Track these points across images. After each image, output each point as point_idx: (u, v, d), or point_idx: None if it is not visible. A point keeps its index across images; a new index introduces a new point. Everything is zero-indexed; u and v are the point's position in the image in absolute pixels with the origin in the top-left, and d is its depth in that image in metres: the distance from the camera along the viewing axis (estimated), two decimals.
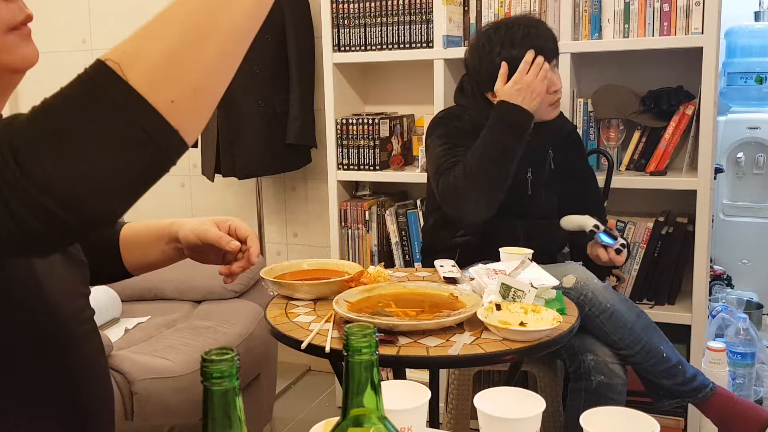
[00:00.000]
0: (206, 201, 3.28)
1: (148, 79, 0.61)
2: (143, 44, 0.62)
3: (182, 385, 1.91)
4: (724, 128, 3.03)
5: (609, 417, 0.85)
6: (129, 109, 0.61)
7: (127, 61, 0.61)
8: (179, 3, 0.63)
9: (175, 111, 0.62)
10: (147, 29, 0.63)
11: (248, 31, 0.65)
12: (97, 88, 0.61)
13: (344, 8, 2.63)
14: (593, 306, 1.76)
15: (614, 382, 1.77)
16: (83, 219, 0.62)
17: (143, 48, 0.62)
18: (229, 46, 0.64)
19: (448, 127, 2.02)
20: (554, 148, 2.07)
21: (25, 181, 0.60)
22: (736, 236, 3.09)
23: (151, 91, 0.61)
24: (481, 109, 1.99)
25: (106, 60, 0.62)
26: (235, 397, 0.57)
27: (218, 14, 0.63)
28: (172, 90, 0.62)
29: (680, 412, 2.30)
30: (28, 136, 0.61)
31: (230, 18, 0.64)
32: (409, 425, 0.87)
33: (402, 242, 2.68)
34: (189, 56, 0.62)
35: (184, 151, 0.64)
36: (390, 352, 1.33)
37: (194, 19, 0.63)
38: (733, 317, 2.57)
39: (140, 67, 0.61)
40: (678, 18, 2.21)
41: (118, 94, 0.61)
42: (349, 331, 0.61)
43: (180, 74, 0.62)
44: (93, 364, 0.99)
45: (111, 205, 0.63)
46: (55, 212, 0.60)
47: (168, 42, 0.62)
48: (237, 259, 1.19)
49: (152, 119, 0.61)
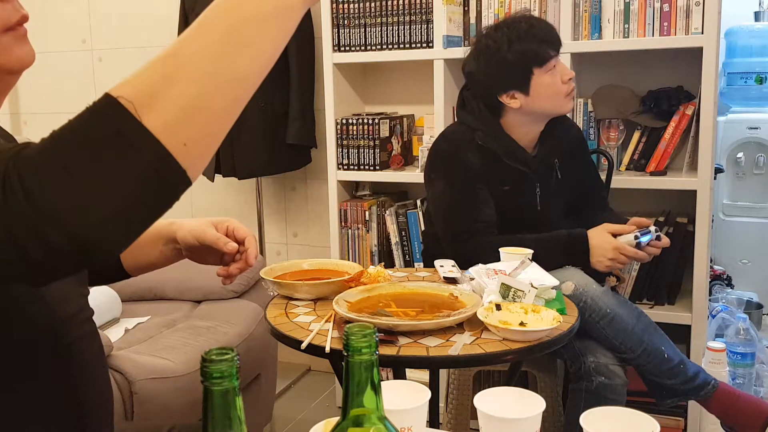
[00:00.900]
0: (206, 201, 3.28)
1: (164, 122, 0.61)
2: (160, 87, 0.62)
3: (182, 385, 1.91)
4: (724, 128, 3.02)
5: (609, 417, 0.85)
6: (141, 148, 0.61)
7: (143, 101, 0.61)
8: (198, 44, 0.63)
9: (186, 153, 0.62)
10: (164, 69, 0.62)
11: (260, 76, 0.66)
12: (109, 125, 0.61)
13: (344, 8, 2.63)
14: (593, 312, 1.76)
15: (614, 383, 1.77)
16: (85, 252, 0.62)
17: (160, 91, 0.61)
18: (243, 93, 0.65)
19: (456, 166, 1.94)
20: (560, 158, 2.05)
21: (31, 210, 0.60)
22: (736, 236, 3.09)
23: (165, 134, 0.61)
24: (489, 127, 1.95)
25: (118, 97, 0.61)
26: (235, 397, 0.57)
27: (238, 62, 0.63)
28: (186, 134, 0.62)
29: (680, 412, 2.30)
30: (37, 167, 0.61)
31: (248, 65, 0.64)
32: (409, 425, 0.87)
33: (402, 242, 2.68)
34: (207, 105, 0.63)
35: (189, 187, 0.65)
36: (390, 352, 1.33)
37: (215, 68, 0.62)
38: (733, 317, 2.56)
39: (157, 109, 0.61)
40: (678, 18, 2.21)
41: (131, 133, 0.61)
42: (349, 331, 0.61)
43: (196, 121, 0.62)
44: (93, 364, 0.99)
45: (114, 240, 0.64)
46: (58, 244, 0.61)
47: (187, 90, 0.62)
48: (235, 261, 1.19)
49: (163, 159, 0.61)
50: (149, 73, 0.63)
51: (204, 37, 0.63)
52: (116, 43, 3.35)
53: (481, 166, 1.93)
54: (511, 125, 1.98)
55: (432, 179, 2.00)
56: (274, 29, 0.65)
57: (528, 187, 1.99)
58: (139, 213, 0.63)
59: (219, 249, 1.16)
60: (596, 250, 1.84)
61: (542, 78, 1.90)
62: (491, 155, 1.94)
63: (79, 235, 0.61)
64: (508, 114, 1.96)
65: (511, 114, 1.96)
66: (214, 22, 0.64)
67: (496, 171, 1.95)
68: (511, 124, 1.97)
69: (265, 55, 0.65)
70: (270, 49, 0.65)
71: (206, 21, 0.64)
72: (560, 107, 1.95)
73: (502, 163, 1.95)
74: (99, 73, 3.44)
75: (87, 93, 3.47)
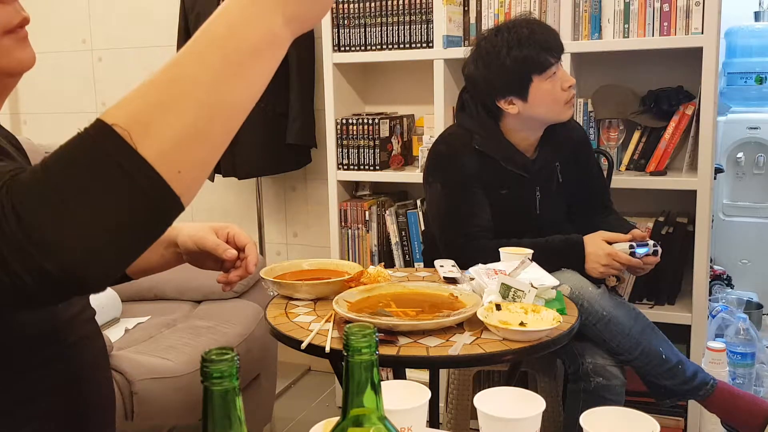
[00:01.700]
0: (206, 201, 3.28)
1: (160, 151, 0.61)
2: (156, 115, 0.61)
3: (182, 385, 1.91)
4: (724, 128, 3.02)
5: (609, 417, 0.85)
6: (137, 177, 0.60)
7: (138, 130, 0.61)
8: (193, 73, 0.63)
9: (180, 180, 0.62)
10: (159, 96, 0.62)
11: (252, 104, 0.66)
12: (105, 154, 0.61)
13: (344, 8, 2.63)
14: (589, 315, 1.76)
15: (612, 384, 1.77)
16: (78, 280, 0.62)
17: (156, 120, 0.61)
18: (236, 121, 0.65)
19: (453, 170, 1.94)
20: (562, 161, 2.04)
21: (24, 238, 0.60)
22: (736, 236, 3.09)
23: (160, 162, 0.61)
24: (487, 130, 1.95)
25: (113, 125, 0.61)
26: (235, 397, 0.57)
27: (233, 92, 0.64)
28: (181, 162, 0.62)
29: (680, 411, 2.31)
30: (30, 195, 0.60)
31: (241, 95, 0.65)
32: (409, 425, 0.87)
33: (402, 242, 2.68)
34: (203, 135, 0.63)
35: (181, 213, 0.65)
36: (390, 352, 1.33)
37: (210, 97, 0.63)
38: (733, 317, 2.56)
39: (153, 138, 0.61)
40: (678, 18, 2.21)
41: (127, 162, 0.60)
42: (349, 331, 0.61)
43: (191, 150, 0.63)
44: (94, 364, 0.99)
45: (107, 268, 0.63)
46: (51, 272, 0.60)
47: (183, 119, 0.62)
48: (235, 267, 1.19)
49: (158, 187, 0.61)
50: (144, 100, 0.62)
51: (199, 65, 0.63)
52: (116, 43, 3.35)
53: (478, 170, 1.92)
54: (509, 130, 1.97)
55: (429, 182, 2.00)
56: (265, 60, 0.66)
57: (527, 190, 1.98)
58: (133, 241, 0.64)
59: (218, 256, 1.16)
60: (590, 256, 1.84)
61: (541, 85, 1.87)
62: (489, 159, 1.93)
63: (71, 263, 0.60)
64: (506, 118, 1.95)
65: (509, 119, 1.94)
66: (209, 50, 0.63)
67: (494, 175, 1.94)
68: (510, 128, 1.96)
69: (257, 85, 0.66)
70: (261, 79, 0.66)
71: (200, 47, 0.64)
72: (559, 115, 1.93)
73: (500, 166, 1.94)
74: (99, 73, 3.44)
75: (87, 93, 3.47)
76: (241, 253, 1.20)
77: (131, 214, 0.61)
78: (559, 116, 1.93)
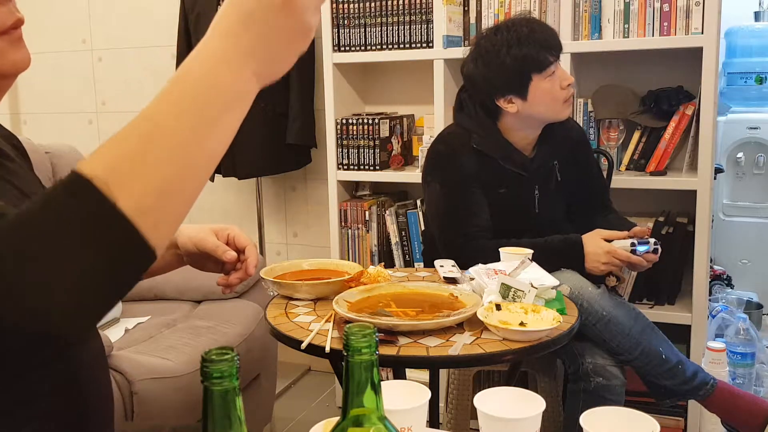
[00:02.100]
0: (206, 201, 3.28)
1: (137, 205, 0.61)
2: (134, 169, 0.61)
3: (182, 385, 1.91)
4: (724, 128, 3.03)
5: (609, 417, 0.85)
6: (114, 230, 0.60)
7: (117, 182, 0.60)
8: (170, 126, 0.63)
9: (156, 232, 0.62)
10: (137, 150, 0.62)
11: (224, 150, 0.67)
12: (83, 207, 0.60)
13: (344, 8, 2.63)
14: (589, 315, 1.76)
15: (612, 384, 1.77)
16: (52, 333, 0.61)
17: (135, 173, 0.61)
18: (210, 171, 0.67)
19: (452, 169, 1.94)
20: (560, 160, 2.04)
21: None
22: (736, 236, 3.09)
23: (138, 215, 0.61)
24: (486, 129, 1.95)
25: (92, 178, 0.60)
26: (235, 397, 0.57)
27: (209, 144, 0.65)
28: (158, 215, 0.62)
29: (680, 411, 2.31)
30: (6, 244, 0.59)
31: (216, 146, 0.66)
32: (409, 425, 0.87)
33: (402, 242, 2.68)
34: (179, 187, 0.64)
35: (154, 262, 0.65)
36: (390, 352, 1.33)
37: (187, 151, 0.63)
38: (733, 317, 2.57)
39: (131, 191, 0.61)
40: (678, 18, 2.21)
41: (105, 216, 0.60)
42: (349, 331, 0.61)
43: (169, 203, 0.63)
44: (93, 364, 0.99)
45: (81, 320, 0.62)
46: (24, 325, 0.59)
47: (161, 173, 0.62)
48: (235, 269, 1.19)
49: (135, 240, 0.61)
50: (121, 152, 0.62)
51: (175, 119, 0.64)
52: (116, 43, 3.35)
53: (477, 169, 1.92)
54: (508, 128, 1.97)
55: (428, 182, 2.00)
56: (236, 112, 0.67)
57: (526, 189, 1.99)
58: (107, 293, 0.63)
59: (218, 258, 1.16)
60: (590, 256, 1.84)
61: (541, 84, 1.88)
62: (487, 158, 1.94)
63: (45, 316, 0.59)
64: (505, 117, 1.95)
65: (508, 118, 1.95)
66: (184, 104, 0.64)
67: (492, 174, 1.94)
68: (508, 127, 1.97)
69: (228, 135, 0.67)
70: (232, 129, 0.67)
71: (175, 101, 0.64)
72: (558, 113, 1.93)
73: (498, 165, 1.94)
74: (99, 73, 3.44)
75: (87, 93, 3.47)
76: (241, 255, 1.19)
77: (107, 266, 0.61)
78: (557, 115, 1.94)
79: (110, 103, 3.42)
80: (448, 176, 1.95)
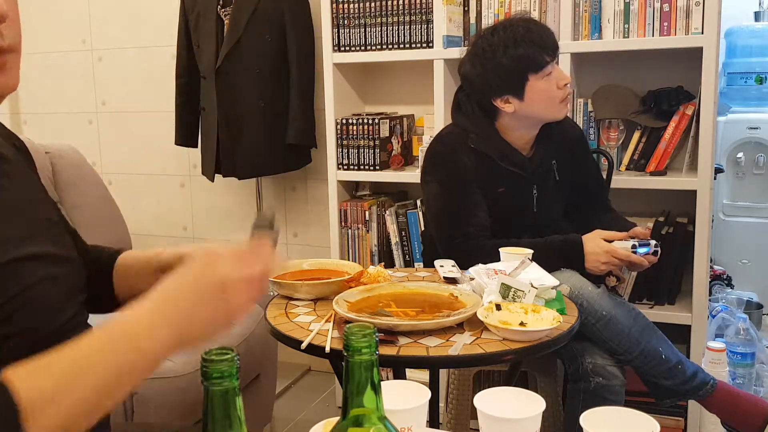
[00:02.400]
0: (206, 201, 3.28)
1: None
2: (52, 403, 0.68)
3: (182, 385, 1.91)
4: (724, 128, 3.03)
5: (609, 417, 0.85)
6: None
7: (33, 412, 0.66)
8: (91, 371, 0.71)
9: None
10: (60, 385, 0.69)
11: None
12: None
13: (344, 8, 2.63)
14: (589, 315, 1.76)
15: (612, 384, 1.77)
16: None
17: (51, 408, 0.68)
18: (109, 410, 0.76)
19: (450, 169, 1.94)
20: (558, 159, 2.04)
21: None
22: (736, 236, 3.09)
23: None
24: (483, 129, 1.95)
25: (16, 403, 0.65)
26: (235, 397, 0.57)
27: (121, 394, 0.74)
28: None
29: (680, 411, 2.31)
30: None
31: (122, 396, 0.74)
32: (409, 425, 0.87)
33: (402, 242, 2.68)
34: (82, 423, 0.71)
35: None
36: (390, 352, 1.33)
37: (103, 400, 0.72)
38: (733, 317, 2.57)
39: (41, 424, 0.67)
40: (678, 18, 2.21)
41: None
42: (349, 331, 0.61)
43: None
44: None
45: None
46: None
47: (72, 412, 0.70)
48: None
49: None
50: (51, 383, 0.69)
51: (103, 369, 0.72)
52: (116, 43, 3.35)
53: (475, 169, 1.92)
54: (505, 128, 1.97)
55: (427, 181, 2.00)
56: (147, 372, 0.76)
57: (524, 189, 1.99)
58: None
59: None
60: (590, 256, 1.84)
61: (538, 84, 1.88)
62: (485, 157, 1.94)
63: None
64: (502, 117, 1.95)
65: (505, 117, 1.95)
66: (113, 360, 0.73)
67: (490, 173, 1.94)
68: (506, 127, 1.97)
69: (134, 385, 0.75)
70: (140, 381, 0.76)
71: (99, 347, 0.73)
72: (555, 113, 1.94)
73: (496, 165, 1.95)
74: (99, 73, 3.44)
75: (87, 93, 3.47)
76: None
77: None
78: (554, 114, 1.94)
79: (110, 103, 3.42)
80: (446, 176, 1.95)
